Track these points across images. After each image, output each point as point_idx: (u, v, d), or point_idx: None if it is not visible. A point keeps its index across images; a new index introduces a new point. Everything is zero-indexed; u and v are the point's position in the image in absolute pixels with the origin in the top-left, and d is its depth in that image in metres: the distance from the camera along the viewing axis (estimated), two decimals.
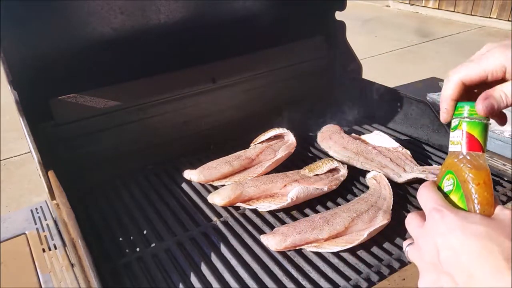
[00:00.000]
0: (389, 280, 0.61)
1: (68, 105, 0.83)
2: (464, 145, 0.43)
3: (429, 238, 0.40)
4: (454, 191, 0.43)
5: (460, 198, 0.42)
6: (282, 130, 0.96)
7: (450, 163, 0.44)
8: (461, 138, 0.44)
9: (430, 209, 0.41)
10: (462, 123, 0.44)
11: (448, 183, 0.44)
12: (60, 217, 0.70)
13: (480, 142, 0.43)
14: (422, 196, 0.44)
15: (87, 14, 0.82)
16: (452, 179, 0.44)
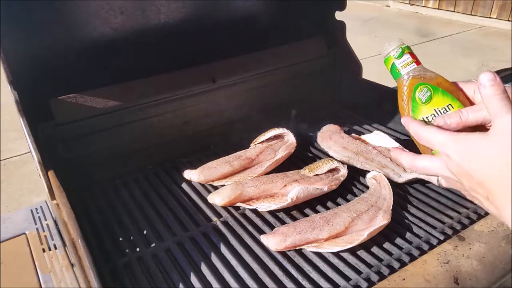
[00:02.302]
0: (389, 280, 0.61)
1: (68, 105, 0.83)
2: (415, 61, 0.57)
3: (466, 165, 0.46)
4: (434, 93, 0.55)
5: (442, 94, 0.54)
6: (282, 130, 0.96)
7: (413, 81, 0.56)
8: (410, 58, 0.57)
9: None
10: (405, 49, 0.57)
11: (423, 93, 0.56)
12: (60, 217, 0.70)
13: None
14: (421, 138, 0.51)
15: (87, 14, 0.82)
16: (425, 88, 0.55)
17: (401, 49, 0.58)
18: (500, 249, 0.66)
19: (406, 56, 0.58)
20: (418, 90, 0.56)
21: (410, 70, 0.57)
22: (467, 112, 0.53)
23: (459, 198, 0.80)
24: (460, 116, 0.52)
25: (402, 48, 0.58)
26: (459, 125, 0.53)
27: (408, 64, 0.57)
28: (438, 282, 0.60)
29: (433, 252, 0.66)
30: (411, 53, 0.58)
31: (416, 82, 0.56)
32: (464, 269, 0.63)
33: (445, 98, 0.55)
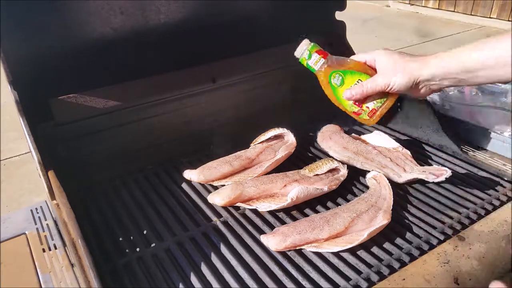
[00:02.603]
0: (389, 280, 0.61)
1: (68, 105, 0.83)
2: (323, 56, 0.72)
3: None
4: (344, 76, 0.71)
5: (351, 74, 0.70)
6: (282, 130, 0.96)
7: (326, 72, 0.72)
8: (318, 55, 0.72)
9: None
10: (312, 49, 0.72)
11: (336, 79, 0.72)
12: (60, 217, 0.70)
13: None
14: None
15: (87, 14, 0.82)
16: (336, 74, 0.72)
17: (308, 51, 0.72)
18: (500, 249, 0.66)
19: (314, 55, 0.72)
20: (332, 77, 0.72)
21: (321, 64, 0.72)
22: (367, 83, 0.69)
23: (459, 198, 0.80)
24: (361, 87, 0.69)
25: (309, 50, 0.72)
26: (362, 94, 0.70)
27: (318, 61, 0.72)
28: (438, 282, 0.60)
29: (433, 252, 0.66)
30: (318, 50, 0.72)
31: (329, 72, 0.72)
32: (464, 269, 0.63)
33: (354, 76, 0.71)
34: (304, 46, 0.73)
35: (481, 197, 0.80)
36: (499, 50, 0.59)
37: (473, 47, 0.62)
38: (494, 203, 0.78)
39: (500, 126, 0.94)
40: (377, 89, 0.69)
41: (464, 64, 0.62)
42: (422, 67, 0.65)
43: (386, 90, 0.68)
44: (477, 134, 0.98)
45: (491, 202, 0.78)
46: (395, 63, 0.67)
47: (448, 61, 0.63)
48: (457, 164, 0.91)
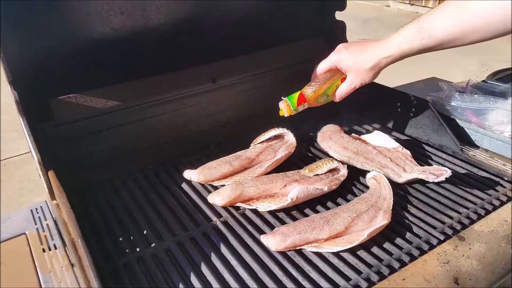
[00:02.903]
0: (389, 280, 0.61)
1: (68, 105, 0.83)
2: (303, 100, 0.84)
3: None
4: (328, 91, 0.85)
5: (331, 86, 0.85)
6: (282, 130, 0.96)
7: (312, 102, 0.85)
8: (302, 102, 0.84)
9: None
10: (293, 102, 0.84)
11: (322, 98, 0.86)
12: (60, 217, 0.70)
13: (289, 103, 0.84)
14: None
15: (87, 14, 0.82)
16: (321, 97, 0.85)
17: (293, 109, 0.83)
18: (500, 249, 0.67)
19: (300, 107, 0.84)
20: (318, 100, 0.85)
21: (306, 105, 0.85)
22: (347, 87, 0.83)
23: (459, 198, 0.80)
24: (346, 90, 0.83)
25: (293, 107, 0.83)
26: (349, 93, 0.84)
27: (304, 105, 0.84)
28: (438, 282, 0.60)
29: (433, 252, 0.66)
30: (297, 100, 0.82)
31: (314, 100, 0.85)
32: (464, 269, 0.63)
33: (333, 87, 0.84)
34: (286, 106, 0.82)
35: (481, 197, 0.80)
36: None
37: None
38: (494, 203, 0.78)
39: (500, 126, 0.94)
40: (354, 87, 0.81)
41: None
42: (383, 51, 0.74)
43: (361, 85, 0.81)
44: (477, 134, 0.98)
45: (491, 202, 0.78)
46: (356, 61, 0.78)
47: (408, 42, 0.72)
48: (457, 164, 0.91)
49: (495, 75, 1.18)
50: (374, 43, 0.76)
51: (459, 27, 0.65)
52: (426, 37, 0.68)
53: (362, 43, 0.79)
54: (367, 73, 0.77)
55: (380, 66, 0.76)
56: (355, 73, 0.78)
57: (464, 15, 0.64)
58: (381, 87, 1.09)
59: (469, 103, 1.00)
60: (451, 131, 0.95)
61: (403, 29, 0.72)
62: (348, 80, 0.80)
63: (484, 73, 3.01)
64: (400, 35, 0.73)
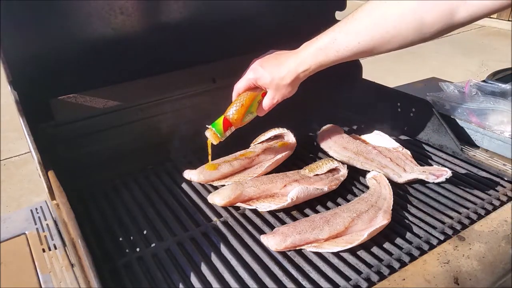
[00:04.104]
0: (389, 280, 0.61)
1: (68, 105, 0.83)
2: (229, 124, 0.80)
3: None
4: (251, 109, 0.81)
5: (254, 103, 0.81)
6: (282, 130, 0.96)
7: (238, 124, 0.81)
8: (228, 126, 0.80)
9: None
10: (219, 130, 0.80)
11: (247, 117, 0.81)
12: (60, 217, 0.70)
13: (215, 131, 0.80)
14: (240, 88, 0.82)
15: (87, 14, 0.82)
16: (247, 116, 0.81)
17: (219, 135, 0.80)
18: (500, 249, 0.67)
19: (227, 132, 0.80)
20: (244, 120, 0.81)
21: (232, 129, 0.81)
22: (267, 104, 0.80)
23: (459, 198, 0.80)
24: (268, 105, 0.80)
25: (219, 134, 0.79)
26: (271, 108, 0.81)
27: (230, 129, 0.81)
28: (438, 282, 0.60)
29: (433, 252, 0.66)
30: (222, 126, 0.79)
31: (240, 122, 0.81)
32: (464, 269, 0.63)
33: (255, 103, 0.81)
34: (212, 134, 0.80)
35: (481, 197, 0.80)
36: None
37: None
38: (494, 203, 0.78)
39: (500, 126, 0.94)
40: (276, 101, 0.79)
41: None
42: (299, 66, 0.72)
43: (282, 99, 0.79)
44: (477, 134, 0.98)
45: (491, 202, 0.78)
46: (274, 77, 0.75)
47: (323, 54, 0.69)
48: (457, 164, 0.91)
49: (495, 75, 1.18)
50: (289, 57, 0.74)
51: (374, 38, 0.63)
52: (342, 49, 0.66)
53: (277, 57, 0.76)
54: (287, 88, 0.75)
55: (298, 79, 0.74)
56: (274, 89, 0.76)
57: (377, 27, 0.62)
58: (381, 87, 1.09)
59: (469, 103, 1.00)
60: (451, 131, 0.95)
61: (318, 40, 0.69)
62: (269, 96, 0.78)
63: (484, 73, 3.02)
64: (315, 47, 0.70)
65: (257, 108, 0.81)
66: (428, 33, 0.60)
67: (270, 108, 0.80)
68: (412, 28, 0.60)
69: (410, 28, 0.60)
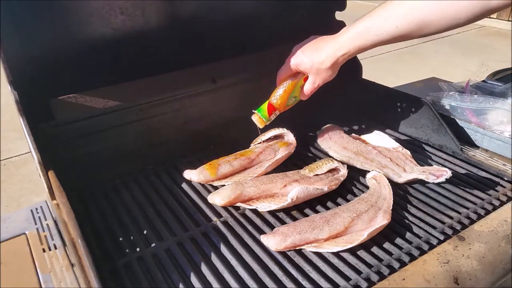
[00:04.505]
0: (389, 280, 0.61)
1: (68, 105, 0.83)
2: (274, 109, 0.86)
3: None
4: (294, 93, 0.86)
5: (296, 88, 0.86)
6: (282, 130, 0.96)
7: (283, 108, 0.87)
8: (272, 111, 0.87)
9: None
10: (264, 114, 0.87)
11: (291, 101, 0.87)
12: (60, 217, 0.70)
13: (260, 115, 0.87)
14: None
15: (87, 14, 0.82)
16: (290, 100, 0.87)
17: (264, 118, 0.86)
18: (500, 249, 0.67)
19: (272, 115, 0.86)
20: (288, 104, 0.87)
21: (277, 113, 0.87)
22: (309, 87, 0.84)
23: (459, 198, 0.80)
24: (310, 89, 0.84)
25: (265, 118, 0.86)
26: (313, 92, 0.84)
27: (275, 113, 0.87)
28: (438, 282, 0.60)
29: (433, 252, 0.66)
30: (267, 110, 0.85)
31: (284, 106, 0.87)
32: (464, 269, 0.63)
33: (297, 88, 0.85)
34: (258, 118, 0.86)
35: (481, 197, 0.80)
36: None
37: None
38: (494, 203, 0.78)
39: (500, 126, 0.94)
40: (318, 85, 0.83)
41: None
42: (338, 50, 0.75)
43: (324, 83, 0.83)
44: (477, 134, 0.98)
45: (491, 202, 0.78)
46: (314, 62, 0.78)
47: (361, 38, 0.72)
48: (457, 164, 0.91)
49: (495, 75, 1.18)
50: (328, 42, 0.77)
51: (412, 22, 0.66)
52: (380, 33, 0.69)
53: (317, 42, 0.80)
54: (327, 72, 0.79)
55: (338, 63, 0.77)
56: (315, 73, 0.80)
57: (414, 12, 0.65)
58: (381, 87, 1.09)
59: (469, 103, 1.00)
60: (451, 131, 0.95)
61: (357, 25, 0.72)
62: (310, 81, 0.82)
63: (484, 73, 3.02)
64: (353, 31, 0.72)
65: (300, 93, 0.85)
66: (464, 17, 0.62)
67: (312, 92, 0.83)
68: (449, 13, 0.62)
69: (447, 13, 0.62)
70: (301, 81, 0.84)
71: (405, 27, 0.66)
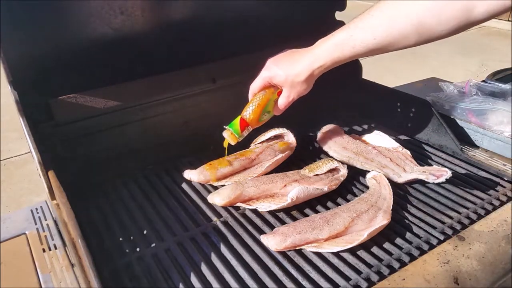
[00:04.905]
0: (389, 280, 0.61)
1: (68, 105, 0.83)
2: (246, 124, 0.82)
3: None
4: (268, 107, 0.82)
5: (270, 102, 0.82)
6: (282, 130, 0.96)
7: (255, 123, 0.83)
8: (245, 126, 0.82)
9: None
10: (236, 130, 0.82)
11: (264, 116, 0.83)
12: (60, 217, 0.70)
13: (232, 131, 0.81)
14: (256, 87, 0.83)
15: (87, 14, 0.82)
16: (263, 115, 0.83)
17: (237, 135, 0.81)
18: (500, 249, 0.67)
19: (244, 132, 0.82)
20: (261, 119, 0.83)
21: (250, 129, 0.83)
22: (283, 102, 0.80)
23: (459, 198, 0.80)
24: (284, 104, 0.80)
25: (237, 134, 0.81)
26: (287, 107, 0.81)
27: (248, 128, 0.82)
28: (438, 282, 0.60)
29: (433, 252, 0.66)
30: (240, 126, 0.81)
31: (257, 121, 0.82)
32: (464, 269, 0.63)
33: (271, 102, 0.81)
34: (230, 134, 0.81)
35: (481, 197, 0.80)
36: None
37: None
38: (494, 203, 0.78)
39: (500, 126, 0.94)
40: (292, 99, 0.79)
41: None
42: (314, 62, 0.72)
43: (298, 97, 0.79)
44: (477, 134, 0.98)
45: (491, 202, 0.78)
46: (288, 75, 0.75)
47: (336, 50, 0.70)
48: (457, 164, 0.91)
49: (495, 75, 1.18)
50: (303, 54, 0.74)
51: (390, 34, 0.63)
52: (358, 45, 0.66)
53: (292, 54, 0.77)
54: (302, 85, 0.75)
55: (313, 76, 0.74)
56: (289, 86, 0.76)
57: (393, 23, 0.62)
58: (381, 87, 1.09)
59: (468, 103, 1.00)
60: (451, 131, 0.95)
61: (333, 36, 0.70)
62: (284, 94, 0.78)
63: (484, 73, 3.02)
64: (330, 43, 0.70)
65: (274, 107, 0.82)
66: (445, 30, 0.60)
67: (286, 107, 0.80)
68: (429, 25, 0.60)
69: (426, 25, 0.60)
70: (275, 95, 0.80)
71: (384, 39, 0.64)
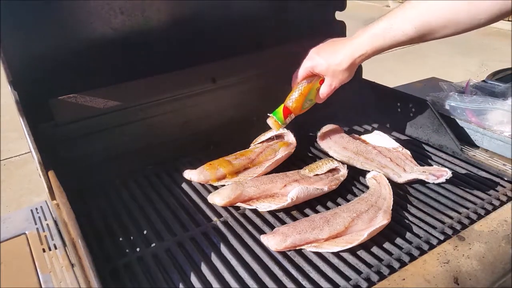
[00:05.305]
0: (389, 280, 0.61)
1: (68, 105, 0.83)
2: (289, 111, 0.85)
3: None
4: (310, 95, 0.85)
5: (312, 90, 0.85)
6: (282, 130, 0.96)
7: (298, 110, 0.86)
8: (288, 114, 0.85)
9: None
10: (279, 118, 0.85)
11: (307, 104, 0.87)
12: (60, 217, 0.70)
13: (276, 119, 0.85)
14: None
15: (87, 14, 0.82)
16: (306, 103, 0.86)
17: (280, 122, 0.84)
18: (500, 249, 0.67)
19: (287, 119, 0.85)
20: (303, 107, 0.86)
21: (293, 116, 0.86)
22: (326, 90, 0.83)
23: (459, 198, 0.80)
24: (327, 92, 0.83)
25: (280, 121, 0.84)
26: (329, 95, 0.84)
27: (291, 116, 0.85)
28: (438, 282, 0.60)
29: (433, 252, 0.66)
30: (283, 114, 0.84)
31: (300, 108, 0.85)
32: (464, 269, 0.63)
33: (313, 91, 0.85)
34: (273, 122, 0.84)
35: (481, 197, 0.80)
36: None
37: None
38: (494, 203, 0.78)
39: (500, 126, 0.94)
40: (334, 87, 0.82)
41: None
42: (356, 50, 0.75)
43: (340, 85, 0.82)
44: (477, 134, 0.98)
45: (491, 202, 0.78)
46: (330, 64, 0.78)
47: (378, 39, 0.72)
48: (457, 164, 0.91)
49: (495, 75, 1.18)
50: (345, 43, 0.77)
51: (430, 24, 0.65)
52: (398, 34, 0.69)
53: (333, 44, 0.80)
54: (343, 74, 0.78)
55: (355, 64, 0.77)
56: (331, 75, 0.79)
57: (433, 13, 0.65)
58: (381, 87, 1.09)
59: (468, 103, 1.00)
60: (451, 131, 0.95)
61: (374, 26, 0.72)
62: (326, 83, 0.81)
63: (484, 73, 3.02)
64: (371, 32, 0.72)
65: (316, 96, 0.84)
66: (484, 18, 0.61)
67: (328, 95, 0.83)
68: (467, 14, 0.62)
69: (465, 14, 0.62)
70: (317, 83, 0.83)
71: (423, 29, 0.66)
